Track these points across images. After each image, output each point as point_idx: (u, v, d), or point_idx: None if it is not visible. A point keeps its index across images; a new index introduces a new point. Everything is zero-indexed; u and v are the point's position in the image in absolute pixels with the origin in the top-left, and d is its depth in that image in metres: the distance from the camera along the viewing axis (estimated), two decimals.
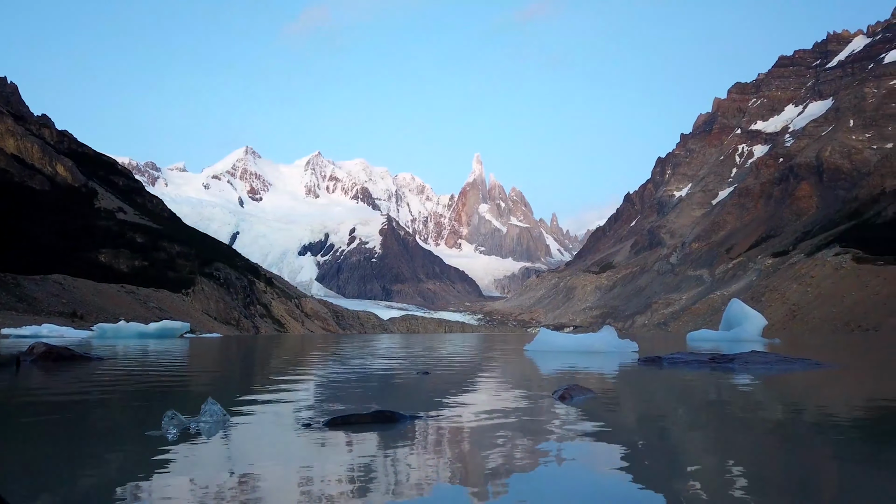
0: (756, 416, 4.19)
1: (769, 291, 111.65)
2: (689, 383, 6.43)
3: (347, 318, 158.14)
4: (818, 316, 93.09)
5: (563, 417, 4.08)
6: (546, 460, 2.86)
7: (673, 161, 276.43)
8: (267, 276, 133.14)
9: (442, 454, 3.00)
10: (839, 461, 2.85)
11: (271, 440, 3.37)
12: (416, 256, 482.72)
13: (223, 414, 3.82)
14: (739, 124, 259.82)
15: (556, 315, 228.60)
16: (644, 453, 3.04)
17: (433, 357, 12.71)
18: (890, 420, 4.00)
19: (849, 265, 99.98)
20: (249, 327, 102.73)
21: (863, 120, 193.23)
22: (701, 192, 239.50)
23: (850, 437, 3.39)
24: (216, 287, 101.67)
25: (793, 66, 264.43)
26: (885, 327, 75.81)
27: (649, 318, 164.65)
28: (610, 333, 14.11)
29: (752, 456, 3.01)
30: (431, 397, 5.33)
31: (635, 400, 5.24)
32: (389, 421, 3.78)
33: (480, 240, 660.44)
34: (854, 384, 6.55)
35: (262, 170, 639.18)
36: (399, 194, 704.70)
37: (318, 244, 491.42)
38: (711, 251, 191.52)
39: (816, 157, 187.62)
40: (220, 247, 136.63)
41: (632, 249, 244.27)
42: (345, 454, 2.97)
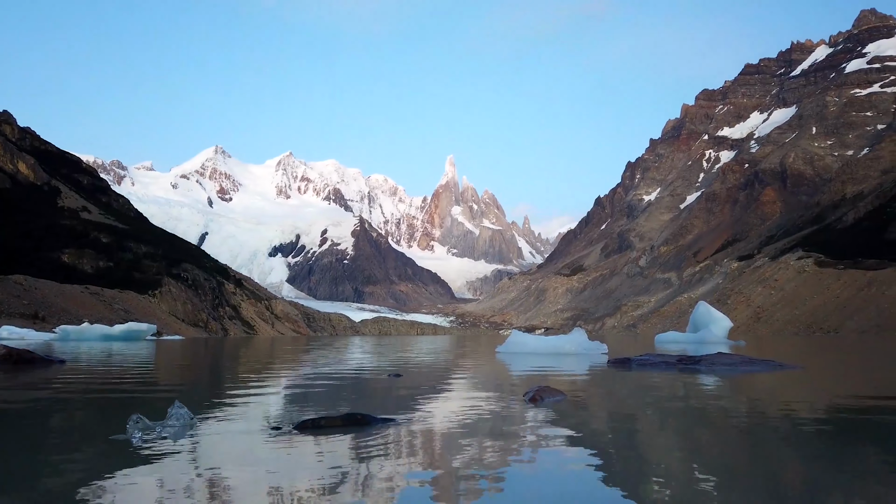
0: (721, 416, 4.27)
1: (735, 294, 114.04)
2: (658, 385, 6.53)
3: (318, 320, 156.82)
4: (781, 318, 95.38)
5: (534, 420, 4.10)
6: (517, 463, 2.87)
7: (642, 165, 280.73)
8: (236, 277, 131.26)
9: (414, 457, 2.99)
10: (802, 460, 2.92)
11: (239, 444, 3.31)
12: (389, 258, 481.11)
13: (190, 417, 3.75)
14: (707, 130, 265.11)
15: (527, 317, 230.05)
16: (614, 455, 3.07)
17: (405, 359, 12.68)
18: (849, 420, 4.11)
19: (811, 269, 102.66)
20: (218, 329, 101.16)
21: (825, 128, 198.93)
22: (669, 197, 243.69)
23: (812, 437, 3.47)
24: (184, 288, 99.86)
25: (758, 74, 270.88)
26: (845, 329, 78.02)
27: (619, 320, 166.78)
28: (580, 335, 14.26)
29: (718, 456, 3.06)
30: (403, 400, 5.31)
31: (605, 402, 5.30)
32: (361, 424, 3.75)
33: (453, 242, 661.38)
34: (815, 385, 6.72)
35: (232, 170, 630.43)
36: (372, 196, 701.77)
37: (289, 245, 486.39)
38: (679, 254, 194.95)
39: (780, 164, 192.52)
40: (189, 247, 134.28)
41: (602, 252, 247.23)
42: (315, 458, 2.93)
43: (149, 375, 8.65)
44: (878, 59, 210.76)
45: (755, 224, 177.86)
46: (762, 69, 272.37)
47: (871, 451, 3.05)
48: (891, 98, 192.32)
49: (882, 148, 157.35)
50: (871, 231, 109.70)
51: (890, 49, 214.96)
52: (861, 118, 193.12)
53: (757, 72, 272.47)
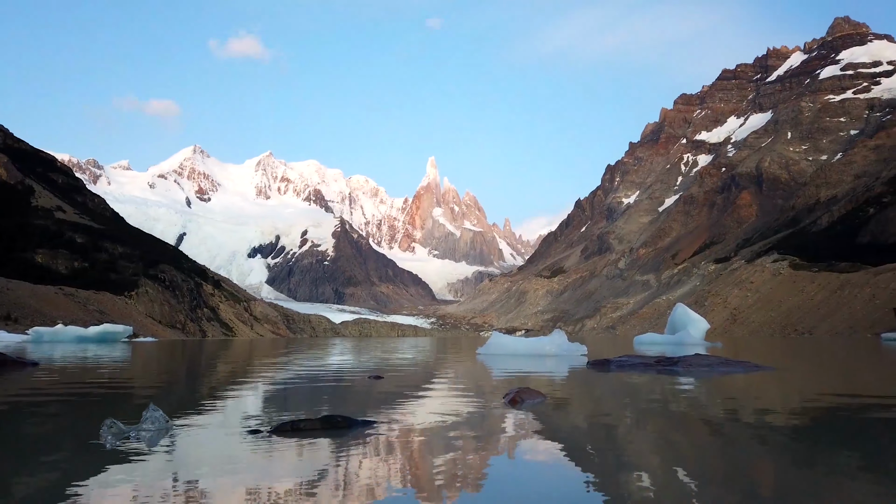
0: (698, 417, 4.32)
1: (712, 296, 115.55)
2: (636, 386, 6.58)
3: (298, 322, 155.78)
4: (757, 320, 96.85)
5: (514, 422, 4.11)
6: (497, 465, 2.87)
7: (622, 169, 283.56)
8: (215, 278, 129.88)
9: (394, 461, 2.97)
10: (776, 459, 2.96)
11: (216, 448, 3.27)
12: (370, 259, 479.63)
13: (166, 421, 3.69)
14: (685, 134, 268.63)
15: (508, 319, 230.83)
16: (593, 456, 3.09)
17: (385, 361, 12.64)
18: (822, 420, 4.19)
19: (786, 271, 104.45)
20: (196, 331, 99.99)
21: (800, 133, 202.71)
22: (648, 200, 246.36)
23: (785, 437, 3.53)
24: (161, 289, 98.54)
25: (735, 80, 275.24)
26: (819, 331, 79.47)
27: (598, 321, 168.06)
28: (560, 337, 14.33)
29: (694, 456, 3.10)
30: (383, 402, 5.29)
31: (584, 403, 5.33)
32: (340, 427, 3.72)
33: (434, 243, 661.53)
34: (789, 386, 6.83)
35: (211, 169, 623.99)
36: (353, 197, 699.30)
37: (269, 246, 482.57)
38: (658, 257, 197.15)
39: (756, 168, 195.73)
40: (166, 248, 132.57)
41: (582, 254, 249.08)
42: (294, 462, 2.90)
43: (123, 378, 8.52)
44: (851, 66, 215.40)
45: (732, 227, 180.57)
46: (739, 75, 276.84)
47: (842, 451, 3.11)
48: (863, 104, 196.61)
49: (855, 153, 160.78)
50: (844, 235, 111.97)
51: (863, 56, 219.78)
52: (835, 124, 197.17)
53: (734, 77, 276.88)
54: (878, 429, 3.79)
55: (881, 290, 78.15)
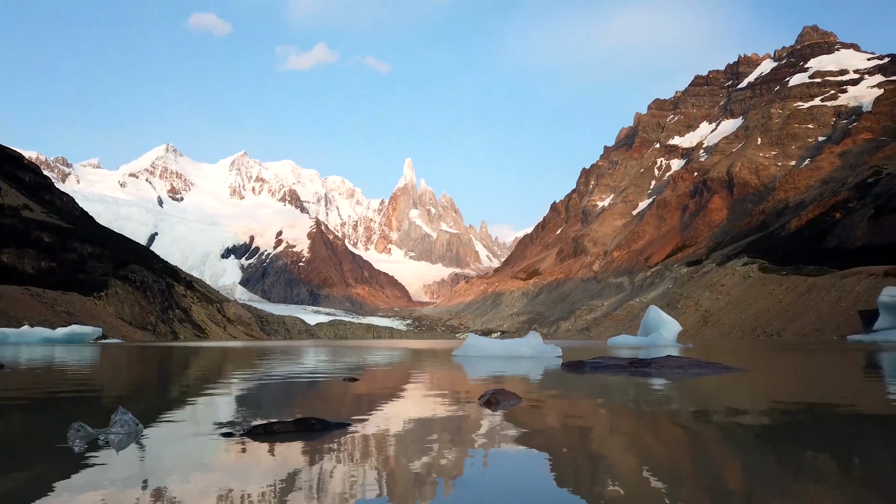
0: (670, 418, 4.39)
1: (684, 298, 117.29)
2: (610, 387, 6.66)
3: (272, 324, 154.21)
4: (728, 322, 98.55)
5: (489, 423, 4.13)
6: (472, 466, 2.88)
7: (597, 172, 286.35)
8: (187, 279, 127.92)
9: (368, 463, 2.96)
10: (745, 460, 3.02)
11: (188, 451, 3.22)
12: (345, 261, 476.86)
13: (135, 424, 3.63)
14: (658, 139, 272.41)
15: (484, 321, 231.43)
16: (566, 457, 3.12)
17: (360, 363, 12.58)
18: (790, 421, 4.28)
19: (756, 274, 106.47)
20: (167, 332, 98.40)
21: (769, 138, 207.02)
22: (622, 203, 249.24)
23: (754, 437, 3.60)
24: (131, 290, 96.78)
25: (707, 86, 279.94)
26: (787, 333, 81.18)
27: (573, 323, 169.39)
28: (535, 339, 14.42)
29: (666, 456, 3.14)
30: (358, 404, 5.27)
31: (559, 405, 5.37)
32: (314, 429, 3.70)
33: (410, 245, 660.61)
34: (758, 387, 6.96)
35: (184, 169, 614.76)
36: (328, 198, 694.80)
37: (243, 247, 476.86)
38: (631, 259, 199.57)
39: (727, 172, 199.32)
40: (137, 248, 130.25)
41: (557, 257, 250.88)
42: (266, 465, 2.87)
43: (92, 381, 8.34)
44: (819, 74, 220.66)
45: (703, 231, 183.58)
46: (711, 81, 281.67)
47: (809, 450, 3.18)
48: (830, 111, 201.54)
49: (822, 159, 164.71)
50: (811, 239, 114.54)
51: (830, 65, 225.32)
52: (803, 130, 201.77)
53: (706, 83, 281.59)
54: (843, 429, 3.89)
55: (847, 293, 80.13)
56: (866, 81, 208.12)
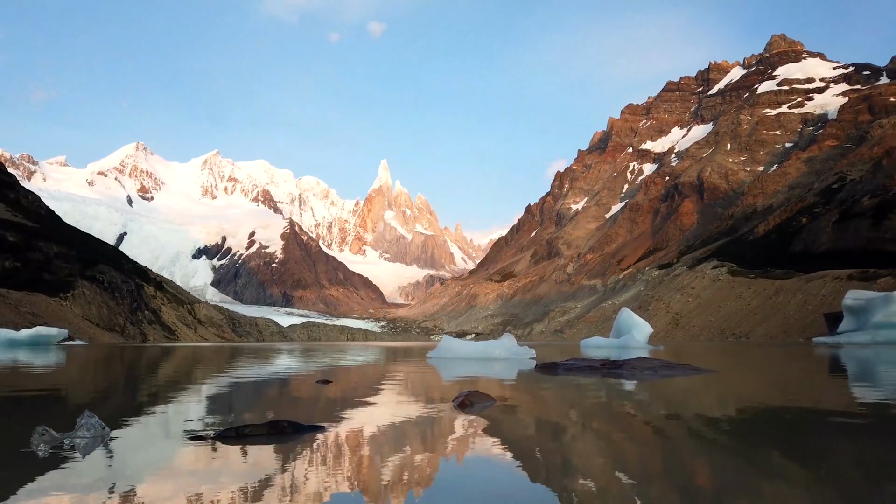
0: (641, 418, 4.44)
1: (655, 301, 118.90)
2: (582, 388, 6.71)
3: (244, 325, 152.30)
4: (698, 324, 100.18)
5: (463, 425, 4.13)
6: (445, 468, 2.88)
7: (571, 175, 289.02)
8: (157, 279, 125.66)
9: (342, 466, 2.94)
10: (714, 459, 3.08)
11: (156, 455, 3.16)
12: (319, 262, 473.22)
13: (102, 427, 3.54)
14: (631, 143, 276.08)
15: (458, 322, 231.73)
16: (539, 457, 3.13)
17: (334, 365, 12.50)
18: (758, 421, 4.37)
19: (725, 277, 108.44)
20: (136, 334, 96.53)
21: (738, 144, 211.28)
22: (596, 206, 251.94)
23: (723, 437, 3.66)
24: (99, 291, 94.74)
25: (679, 92, 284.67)
26: (755, 335, 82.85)
27: (547, 325, 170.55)
28: (509, 340, 14.49)
29: (637, 457, 3.18)
30: (331, 407, 5.23)
31: (532, 406, 5.40)
32: (286, 432, 3.66)
33: (385, 247, 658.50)
34: (727, 388, 7.09)
35: (154, 167, 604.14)
36: (302, 198, 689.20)
37: (215, 247, 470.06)
38: (604, 262, 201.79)
39: (698, 177, 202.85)
40: (105, 248, 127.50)
41: (532, 259, 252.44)
42: (238, 468, 2.83)
43: (57, 383, 8.14)
44: (787, 82, 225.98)
45: (674, 234, 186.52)
46: (683, 87, 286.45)
47: (775, 450, 3.25)
48: (797, 119, 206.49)
49: (789, 165, 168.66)
50: (778, 243, 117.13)
51: (797, 73, 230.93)
52: (771, 136, 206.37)
53: (678, 89, 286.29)
54: (809, 429, 3.98)
55: (812, 296, 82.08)
56: (832, 90, 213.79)
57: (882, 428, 4.01)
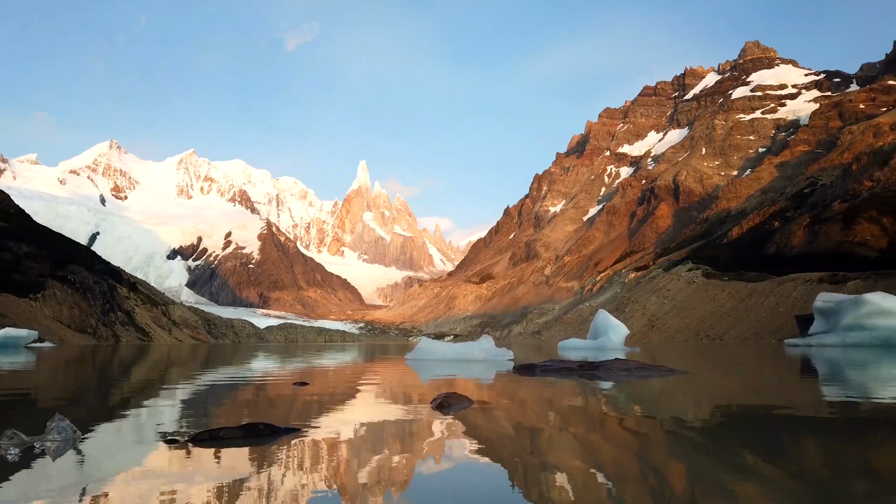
0: (616, 419, 4.49)
1: (631, 303, 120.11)
2: (559, 390, 6.76)
3: (220, 327, 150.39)
4: (673, 326, 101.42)
5: (441, 427, 4.14)
6: (423, 470, 2.88)
7: (549, 178, 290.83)
8: (130, 280, 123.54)
9: (318, 469, 2.93)
10: (688, 459, 3.12)
11: (129, 458, 3.11)
12: (297, 263, 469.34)
13: (73, 431, 3.48)
14: (608, 147, 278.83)
15: (437, 324, 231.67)
16: (516, 458, 3.15)
17: (311, 366, 12.41)
18: (730, 421, 4.44)
19: (699, 280, 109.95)
20: (109, 336, 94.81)
21: (713, 148, 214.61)
22: (573, 209, 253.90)
23: (697, 437, 3.72)
24: (71, 292, 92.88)
25: (655, 96, 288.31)
26: (729, 336, 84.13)
27: (525, 327, 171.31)
28: (487, 342, 14.53)
29: (612, 456, 3.22)
30: (308, 409, 5.20)
31: (509, 407, 5.42)
32: (263, 435, 3.63)
33: (364, 248, 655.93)
34: (701, 389, 7.20)
35: (129, 166, 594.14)
36: (280, 199, 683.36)
37: (190, 248, 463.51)
38: (582, 265, 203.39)
39: (674, 181, 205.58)
40: (77, 248, 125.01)
41: (510, 261, 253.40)
42: (212, 472, 2.80)
43: (26, 386, 7.97)
44: (760, 88, 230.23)
45: (650, 237, 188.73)
46: (659, 91, 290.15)
47: (747, 450, 3.30)
48: (770, 124, 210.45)
49: (762, 170, 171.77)
50: (751, 246, 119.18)
51: (770, 79, 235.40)
52: (744, 141, 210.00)
53: (654, 94, 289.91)
54: (780, 428, 4.06)
55: (784, 298, 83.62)
56: (804, 96, 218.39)
57: (850, 427, 4.11)
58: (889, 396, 6.06)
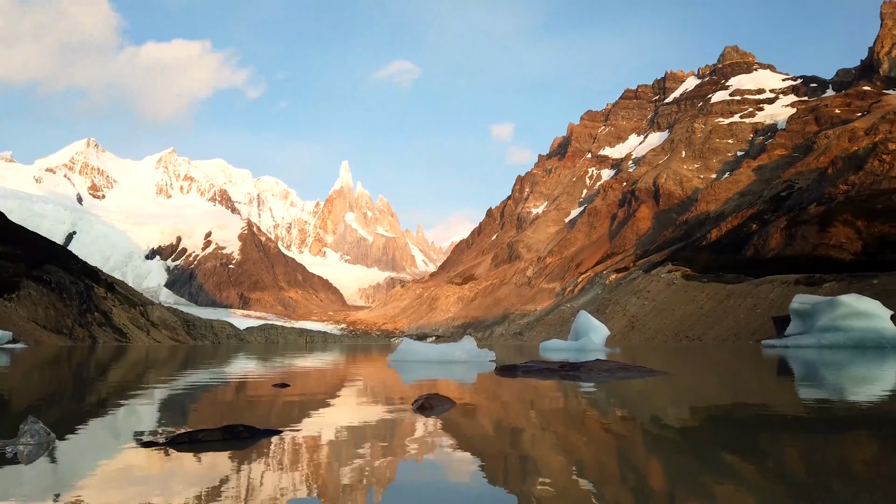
0: (597, 420, 4.52)
1: (612, 304, 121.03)
2: (541, 391, 6.78)
3: (200, 328, 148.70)
4: (653, 327, 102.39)
5: (423, 429, 4.13)
6: (404, 472, 2.87)
7: (531, 180, 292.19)
8: (108, 280, 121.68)
9: (298, 472, 2.90)
10: (668, 459, 3.15)
11: (105, 462, 3.06)
12: (278, 264, 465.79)
13: (47, 434, 3.41)
14: (590, 149, 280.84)
15: (419, 325, 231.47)
16: (498, 460, 3.15)
17: (292, 368, 12.32)
18: (709, 422, 4.49)
19: (679, 282, 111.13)
20: (85, 337, 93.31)
21: (692, 152, 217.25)
22: (555, 211, 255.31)
23: (676, 437, 3.75)
24: (46, 292, 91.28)
25: (636, 99, 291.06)
26: (707, 337, 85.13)
27: (507, 328, 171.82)
28: (470, 343, 14.55)
29: (593, 457, 3.23)
30: (289, 411, 5.16)
31: (491, 408, 5.43)
32: (243, 437, 3.59)
33: (346, 248, 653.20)
34: (680, 390, 7.27)
35: (107, 165, 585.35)
36: (261, 198, 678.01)
37: (170, 248, 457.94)
38: (563, 266, 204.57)
39: (654, 183, 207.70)
40: (53, 247, 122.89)
41: (492, 262, 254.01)
42: (191, 475, 2.77)
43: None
44: (739, 92, 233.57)
45: (631, 239, 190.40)
46: (640, 95, 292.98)
47: (726, 450, 3.34)
48: (749, 128, 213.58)
49: (740, 173, 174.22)
50: (730, 248, 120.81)
51: (749, 84, 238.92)
52: (723, 145, 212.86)
53: (635, 97, 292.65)
54: (757, 428, 4.11)
55: (762, 300, 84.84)
56: (781, 100, 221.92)
57: (826, 427, 4.17)
58: (863, 397, 6.17)
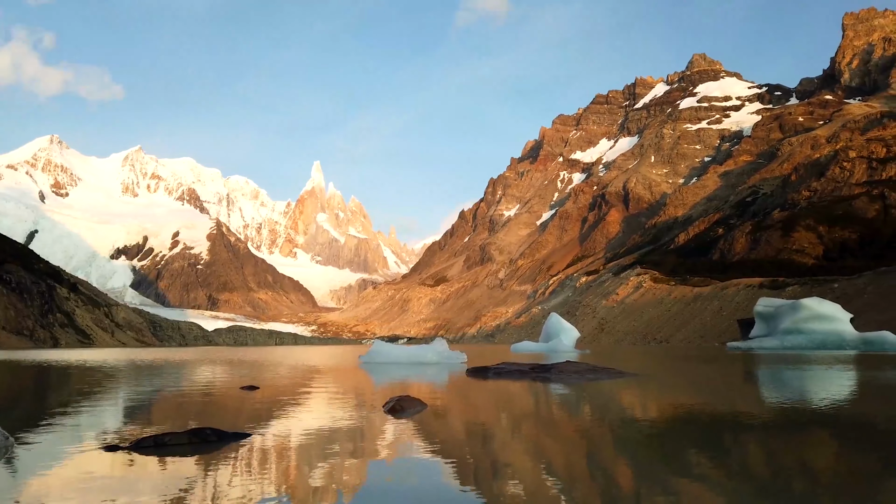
0: (567, 422, 4.56)
1: (582, 307, 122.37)
2: (511, 393, 6.82)
3: (167, 329, 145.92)
4: (621, 329, 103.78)
5: (393, 431, 4.11)
6: (374, 474, 2.86)
7: (504, 182, 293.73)
8: (71, 280, 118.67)
9: (267, 475, 2.87)
10: (636, 459, 3.19)
11: (67, 467, 2.98)
12: (248, 264, 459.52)
13: (5, 438, 3.31)
14: (562, 153, 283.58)
15: (391, 327, 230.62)
16: (469, 461, 3.16)
17: (261, 370, 12.17)
18: (677, 423, 4.57)
19: (647, 284, 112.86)
20: (47, 338, 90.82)
21: (661, 157, 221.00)
22: (527, 213, 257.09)
23: (644, 438, 3.81)
24: (6, 292, 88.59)
25: (607, 104, 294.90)
26: (675, 339, 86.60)
27: (479, 329, 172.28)
28: (441, 345, 14.55)
29: (563, 458, 3.26)
30: (258, 413, 5.09)
31: (463, 411, 5.44)
32: (210, 440, 3.53)
33: (317, 249, 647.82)
34: (648, 392, 7.38)
35: (70, 162, 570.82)
36: (231, 198, 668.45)
37: (136, 248, 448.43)
38: (535, 268, 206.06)
39: (624, 187, 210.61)
40: (14, 246, 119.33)
41: (465, 264, 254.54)
42: (156, 480, 2.72)
43: None
44: (706, 99, 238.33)
45: (601, 242, 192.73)
46: (611, 100, 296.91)
47: (692, 450, 3.40)
48: (716, 134, 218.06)
49: (707, 178, 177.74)
50: (697, 252, 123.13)
51: (716, 91, 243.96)
52: (691, 150, 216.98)
53: (606, 102, 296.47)
54: (722, 429, 4.20)
55: (727, 303, 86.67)
56: (747, 108, 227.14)
57: (787, 427, 4.28)
58: (823, 399, 6.35)
